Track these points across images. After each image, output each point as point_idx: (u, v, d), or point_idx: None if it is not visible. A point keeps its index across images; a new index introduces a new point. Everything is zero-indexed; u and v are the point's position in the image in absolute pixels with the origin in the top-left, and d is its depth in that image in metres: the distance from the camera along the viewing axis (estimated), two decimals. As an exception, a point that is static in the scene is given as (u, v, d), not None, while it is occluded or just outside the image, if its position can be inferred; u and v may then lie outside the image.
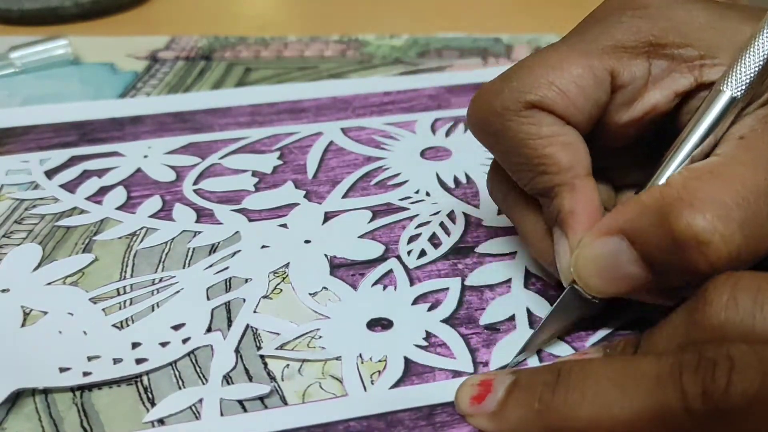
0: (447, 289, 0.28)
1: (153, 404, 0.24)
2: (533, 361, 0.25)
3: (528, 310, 0.27)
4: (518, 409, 0.22)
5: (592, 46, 0.25)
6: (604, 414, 0.20)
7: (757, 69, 0.23)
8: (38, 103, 0.44)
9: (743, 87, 0.23)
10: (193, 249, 0.31)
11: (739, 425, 0.18)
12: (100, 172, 0.37)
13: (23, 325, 0.27)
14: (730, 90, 0.23)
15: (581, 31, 0.26)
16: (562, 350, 0.26)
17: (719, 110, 0.24)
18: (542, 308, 0.27)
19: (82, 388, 0.24)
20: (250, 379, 0.25)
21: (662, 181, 0.24)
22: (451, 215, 0.33)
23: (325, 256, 0.30)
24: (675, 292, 0.23)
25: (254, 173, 0.36)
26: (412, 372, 0.25)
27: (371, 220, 0.33)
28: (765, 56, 0.23)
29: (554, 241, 0.26)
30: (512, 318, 0.27)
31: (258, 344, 0.26)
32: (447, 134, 0.39)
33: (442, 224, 0.32)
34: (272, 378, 0.25)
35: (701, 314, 0.20)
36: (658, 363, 0.20)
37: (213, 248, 0.31)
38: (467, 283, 0.29)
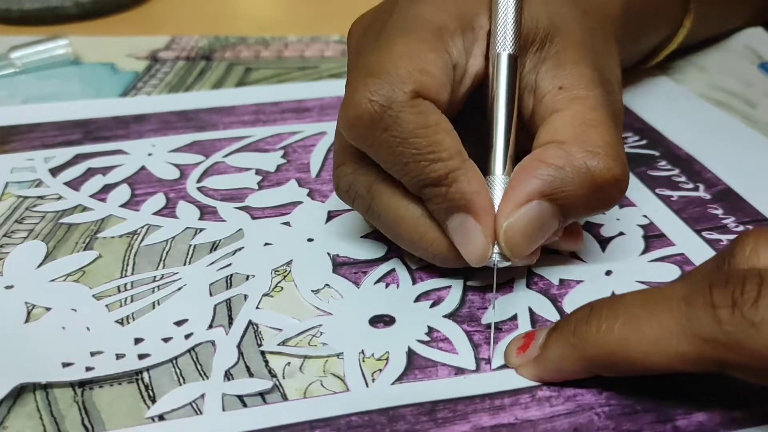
0: (449, 287, 0.29)
1: (154, 402, 0.24)
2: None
3: (530, 310, 0.27)
4: (557, 347, 0.24)
5: (425, 33, 0.27)
6: (634, 334, 0.21)
7: (513, 25, 0.27)
8: (39, 103, 0.44)
9: (512, 43, 0.27)
10: (194, 246, 0.31)
11: (766, 337, 0.19)
12: (105, 170, 0.37)
13: (27, 321, 0.27)
14: (504, 50, 0.27)
15: (400, 19, 0.28)
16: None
17: (507, 71, 0.27)
18: (545, 307, 0.28)
19: (83, 386, 0.24)
20: (251, 376, 0.25)
21: (500, 144, 0.27)
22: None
23: (328, 254, 0.30)
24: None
25: (258, 171, 0.36)
26: (414, 367, 0.25)
27: (374, 218, 0.33)
28: (514, 13, 0.27)
29: (453, 229, 0.26)
30: (514, 318, 0.27)
31: (259, 341, 0.26)
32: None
33: (444, 223, 0.32)
34: (273, 375, 0.25)
35: (733, 255, 0.22)
36: (686, 285, 0.21)
37: (214, 246, 0.31)
38: (469, 282, 0.29)
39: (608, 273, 0.29)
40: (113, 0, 0.58)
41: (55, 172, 0.37)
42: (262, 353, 0.26)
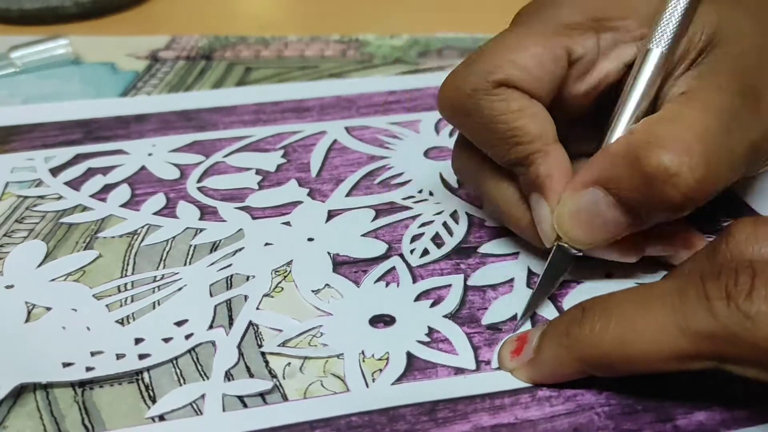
0: (449, 285, 0.29)
1: (154, 402, 0.24)
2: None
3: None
4: (551, 350, 0.24)
5: (545, 27, 0.27)
6: (629, 333, 0.21)
7: (675, 24, 0.26)
8: (39, 102, 0.44)
9: (667, 42, 0.26)
10: (195, 247, 0.31)
11: (763, 329, 0.19)
12: (105, 170, 0.37)
13: (27, 320, 0.27)
14: (657, 47, 0.26)
15: (532, 15, 0.28)
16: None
17: (652, 66, 0.27)
18: (545, 307, 0.28)
19: (84, 386, 0.24)
20: (252, 376, 0.25)
21: (615, 136, 0.27)
22: (454, 215, 0.33)
23: (328, 253, 0.30)
24: (637, 247, 0.27)
25: (258, 171, 0.36)
26: (414, 368, 0.25)
27: (374, 218, 0.33)
28: (681, 12, 0.26)
29: (532, 207, 0.27)
30: (514, 318, 0.27)
31: (259, 342, 0.26)
32: (451, 134, 0.39)
33: (445, 224, 0.32)
34: (274, 376, 0.25)
35: (724, 246, 0.23)
36: (679, 281, 0.22)
37: (214, 246, 0.31)
38: (470, 282, 0.29)
39: (608, 275, 0.29)
40: (113, 0, 0.58)
41: (55, 171, 0.37)
42: (263, 354, 0.26)
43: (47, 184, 0.36)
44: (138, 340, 0.26)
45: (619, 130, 0.27)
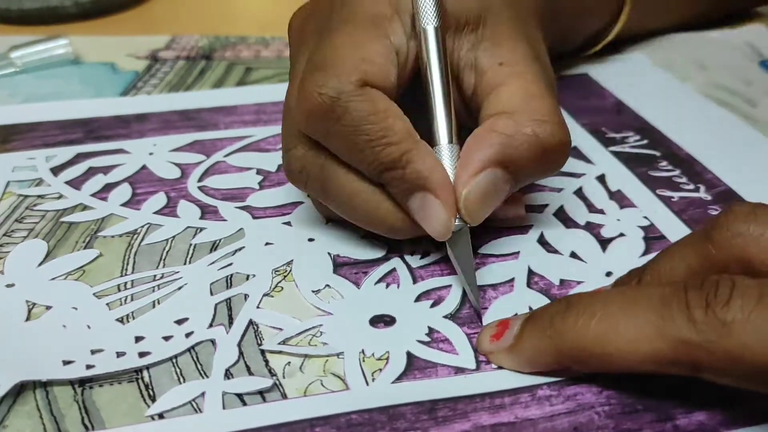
0: (450, 286, 0.29)
1: (154, 400, 0.24)
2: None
3: (530, 309, 0.27)
4: (532, 339, 0.24)
5: (365, 23, 0.28)
6: (610, 332, 0.22)
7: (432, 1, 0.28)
8: (39, 102, 0.44)
9: (435, 16, 0.29)
10: (195, 246, 0.31)
11: (738, 337, 0.20)
12: (106, 169, 0.37)
13: (28, 319, 0.27)
14: (431, 24, 0.28)
15: (340, 11, 0.29)
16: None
17: (434, 44, 0.29)
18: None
19: (83, 385, 0.24)
20: (251, 375, 0.25)
21: (440, 114, 0.29)
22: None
23: (329, 254, 0.30)
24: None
25: (259, 171, 0.36)
26: (414, 367, 0.25)
27: (374, 218, 0.33)
28: None
29: (417, 207, 0.27)
30: (515, 317, 0.27)
31: (259, 341, 0.26)
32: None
33: (445, 223, 0.32)
34: (273, 375, 0.25)
35: (720, 230, 0.23)
36: (663, 287, 0.22)
37: (215, 245, 0.31)
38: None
39: (608, 274, 0.29)
40: (113, 0, 0.58)
41: (56, 171, 0.37)
42: (263, 352, 0.26)
43: (48, 183, 0.36)
44: (138, 338, 0.26)
45: (439, 109, 0.29)
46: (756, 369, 0.20)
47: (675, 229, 0.32)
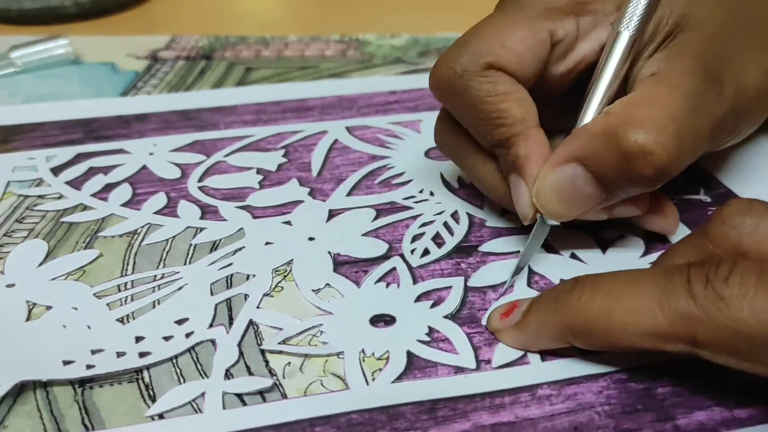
0: (450, 287, 0.29)
1: (154, 401, 0.24)
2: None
3: (531, 308, 0.27)
4: (538, 314, 0.25)
5: (530, 12, 0.29)
6: (614, 306, 0.23)
7: (643, 8, 0.28)
8: (40, 102, 0.44)
9: (635, 25, 0.28)
10: (195, 246, 0.31)
11: (736, 311, 0.20)
12: (106, 169, 0.37)
13: (28, 319, 0.27)
14: (626, 30, 0.28)
15: (515, 0, 0.30)
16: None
17: (621, 48, 0.28)
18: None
19: (84, 386, 0.24)
20: (251, 375, 0.25)
21: (588, 116, 0.28)
22: (455, 215, 0.33)
23: (329, 253, 0.30)
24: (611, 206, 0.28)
25: (259, 171, 0.36)
26: (414, 367, 0.25)
27: (375, 218, 0.33)
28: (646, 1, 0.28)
29: (511, 186, 0.29)
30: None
31: (259, 341, 0.26)
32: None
33: (445, 224, 0.32)
34: (273, 375, 0.25)
35: (719, 224, 0.24)
36: (669, 267, 0.23)
37: (215, 245, 0.31)
38: (470, 283, 0.29)
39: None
40: (113, 0, 0.58)
41: (56, 171, 0.37)
42: (263, 352, 0.26)
43: (48, 183, 0.36)
44: (138, 339, 0.26)
45: (591, 109, 0.28)
46: (752, 344, 0.20)
47: (678, 231, 0.32)
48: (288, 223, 0.32)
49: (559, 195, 0.27)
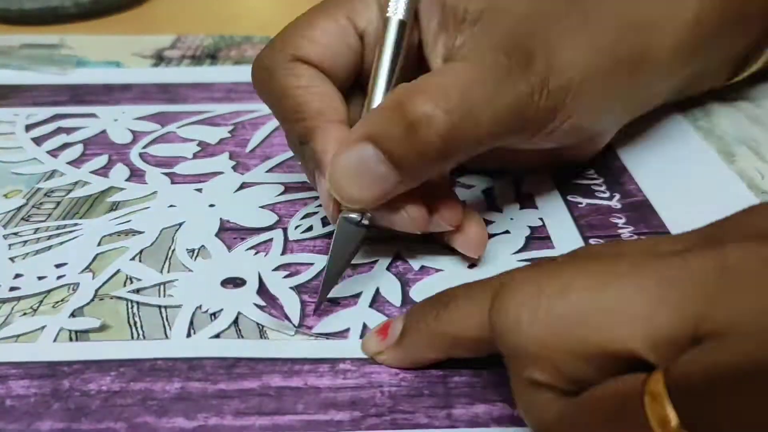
0: (312, 264, 0.30)
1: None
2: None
3: (377, 290, 0.28)
4: (418, 328, 0.24)
5: (329, 3, 0.29)
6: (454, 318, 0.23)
7: None
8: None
9: (403, 10, 0.28)
10: (112, 203, 0.34)
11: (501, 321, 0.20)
12: (70, 130, 0.40)
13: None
14: (394, 15, 0.28)
15: None
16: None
17: (393, 35, 0.28)
18: (394, 292, 0.28)
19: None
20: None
21: (375, 101, 0.27)
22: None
23: (221, 219, 0.32)
24: (422, 219, 0.27)
25: (200, 143, 0.39)
26: (239, 325, 0.26)
27: (281, 194, 0.34)
28: None
29: (317, 185, 0.28)
30: (358, 295, 0.28)
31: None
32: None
33: (343, 205, 0.33)
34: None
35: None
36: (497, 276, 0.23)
37: (126, 203, 0.34)
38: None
39: (471, 266, 0.29)
40: (113, 0, 0.58)
41: (29, 127, 0.41)
42: (112, 297, 0.28)
43: (18, 137, 0.40)
44: (18, 275, 0.29)
45: (376, 98, 0.27)
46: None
47: (564, 232, 0.31)
48: (199, 190, 0.35)
49: (351, 177, 0.26)
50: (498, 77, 0.26)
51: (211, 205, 0.33)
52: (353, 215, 0.27)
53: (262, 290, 0.28)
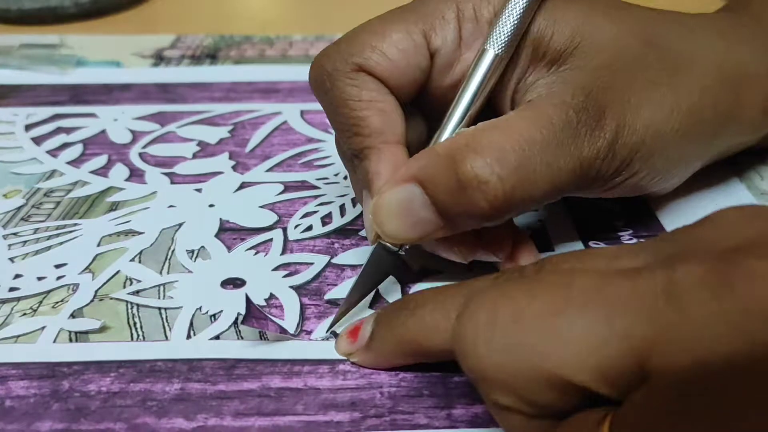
0: (312, 263, 0.30)
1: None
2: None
3: (377, 291, 0.28)
4: (387, 331, 0.24)
5: (408, 14, 0.27)
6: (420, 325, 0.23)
7: (513, 27, 0.26)
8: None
9: (502, 44, 0.26)
10: (112, 203, 0.34)
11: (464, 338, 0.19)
12: (70, 130, 0.40)
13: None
14: (493, 48, 0.26)
15: (407, 5, 0.28)
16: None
17: (485, 68, 0.26)
18: (391, 292, 0.28)
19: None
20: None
21: (443, 136, 0.26)
22: (355, 200, 0.34)
23: (221, 219, 0.32)
24: (468, 249, 0.27)
25: (200, 143, 0.39)
26: (238, 327, 0.26)
27: (280, 193, 0.34)
28: (519, 15, 0.26)
29: (362, 202, 0.27)
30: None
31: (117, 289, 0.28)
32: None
33: (342, 206, 0.33)
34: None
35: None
36: (468, 284, 0.23)
37: (126, 204, 0.34)
38: (334, 261, 0.30)
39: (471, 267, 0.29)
40: (113, 0, 0.58)
41: (29, 127, 0.41)
42: (113, 299, 0.28)
43: (17, 136, 0.40)
44: (17, 276, 0.29)
45: (447, 131, 0.26)
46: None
47: (565, 235, 0.31)
48: (199, 190, 0.35)
49: (394, 215, 0.25)
50: (562, 139, 0.25)
51: (211, 205, 0.33)
52: (390, 246, 0.27)
53: (262, 291, 0.28)
